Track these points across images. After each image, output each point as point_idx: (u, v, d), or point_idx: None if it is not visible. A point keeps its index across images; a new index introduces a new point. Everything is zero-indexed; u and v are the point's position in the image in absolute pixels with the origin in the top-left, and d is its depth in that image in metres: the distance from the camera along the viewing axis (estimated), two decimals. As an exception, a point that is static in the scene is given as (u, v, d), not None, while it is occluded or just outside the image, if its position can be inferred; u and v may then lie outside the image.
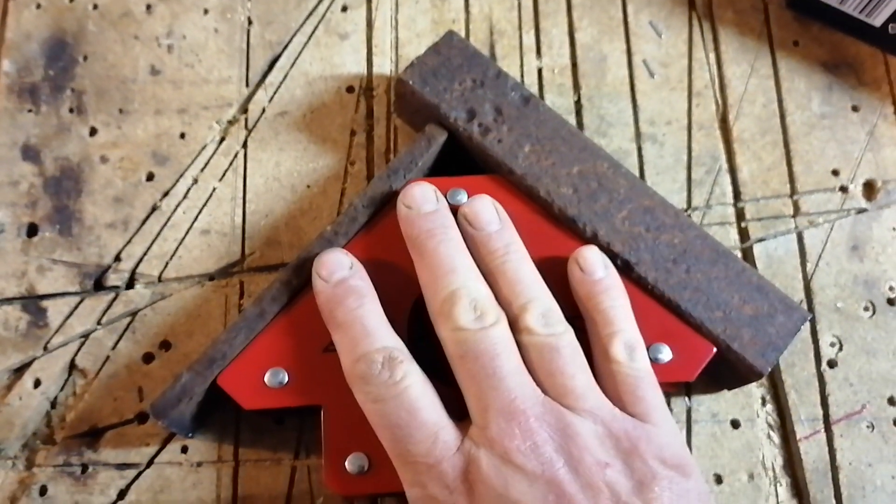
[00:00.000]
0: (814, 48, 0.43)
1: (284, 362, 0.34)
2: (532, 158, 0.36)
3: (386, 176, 0.36)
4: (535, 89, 0.42)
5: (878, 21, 0.41)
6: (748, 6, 0.43)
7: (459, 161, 0.38)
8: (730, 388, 0.37)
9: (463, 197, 0.36)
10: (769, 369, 0.34)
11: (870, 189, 0.41)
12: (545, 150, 0.37)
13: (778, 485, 0.36)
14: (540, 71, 0.42)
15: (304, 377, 0.33)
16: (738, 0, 0.44)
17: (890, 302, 0.39)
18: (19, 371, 0.37)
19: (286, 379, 0.33)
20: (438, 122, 0.37)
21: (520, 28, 0.43)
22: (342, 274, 0.33)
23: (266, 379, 0.33)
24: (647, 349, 0.33)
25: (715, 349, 0.34)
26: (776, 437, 0.37)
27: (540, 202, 0.36)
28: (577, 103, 0.42)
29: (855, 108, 0.42)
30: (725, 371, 0.35)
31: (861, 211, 0.40)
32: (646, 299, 0.35)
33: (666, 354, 0.34)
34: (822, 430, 0.37)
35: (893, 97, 0.42)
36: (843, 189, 0.41)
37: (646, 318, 0.34)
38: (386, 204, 0.36)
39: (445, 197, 0.36)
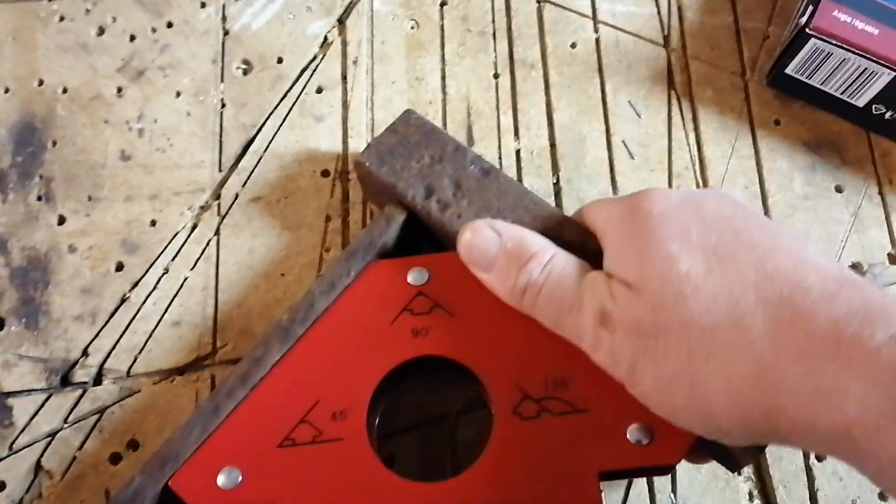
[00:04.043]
0: (795, 127, 0.42)
1: (239, 460, 0.32)
2: None
3: (344, 259, 0.35)
4: (513, 171, 0.41)
5: (861, 102, 0.40)
6: (728, 84, 0.43)
7: (426, 239, 0.37)
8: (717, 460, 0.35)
9: (424, 276, 0.35)
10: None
11: (856, 272, 0.40)
12: (507, 222, 0.35)
13: (766, 586, 0.35)
14: (518, 152, 0.42)
15: (260, 475, 0.32)
16: (717, 79, 0.43)
17: (877, 389, 0.38)
18: (-18, 474, 0.36)
19: (240, 478, 0.32)
20: (398, 202, 0.37)
21: (497, 109, 0.42)
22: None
23: (220, 480, 0.32)
24: (628, 431, 0.32)
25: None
26: (764, 536, 0.36)
27: None
28: (556, 185, 0.41)
29: (839, 189, 0.41)
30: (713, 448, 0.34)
31: (846, 294, 0.39)
32: None
33: (646, 436, 0.32)
34: (811, 528, 0.36)
35: (878, 177, 0.42)
36: (828, 272, 0.40)
37: (625, 397, 0.33)
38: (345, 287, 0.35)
39: (407, 277, 0.35)
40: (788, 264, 0.26)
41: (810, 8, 0.38)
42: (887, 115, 0.40)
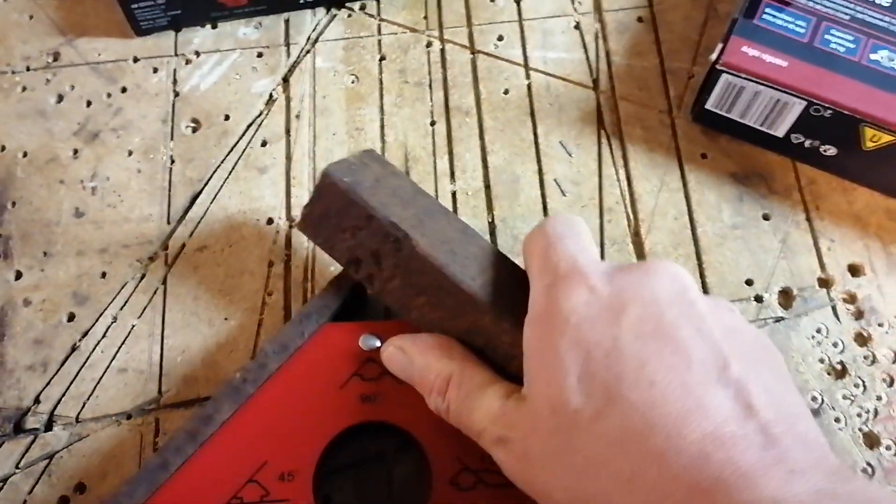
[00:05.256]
0: (722, 160, 0.44)
1: None
2: (425, 310, 0.35)
3: (298, 321, 0.36)
4: (449, 213, 0.43)
5: (780, 132, 0.42)
6: (656, 122, 0.44)
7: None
8: None
9: (375, 342, 0.35)
10: None
11: (786, 297, 0.41)
12: (431, 303, 0.35)
13: None
14: (454, 194, 0.43)
15: None
16: (645, 117, 0.45)
17: (814, 413, 0.38)
18: (-68, 522, 0.37)
19: None
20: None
21: (434, 154, 0.44)
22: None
23: None
24: None
25: None
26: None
27: None
28: (492, 224, 0.43)
29: (766, 217, 0.42)
30: None
31: (779, 320, 0.40)
32: None
33: None
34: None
35: (804, 204, 0.42)
36: (759, 299, 0.40)
37: None
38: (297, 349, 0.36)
39: (358, 342, 0.35)
40: (678, 411, 0.26)
41: (720, 45, 0.40)
42: (807, 144, 0.41)
